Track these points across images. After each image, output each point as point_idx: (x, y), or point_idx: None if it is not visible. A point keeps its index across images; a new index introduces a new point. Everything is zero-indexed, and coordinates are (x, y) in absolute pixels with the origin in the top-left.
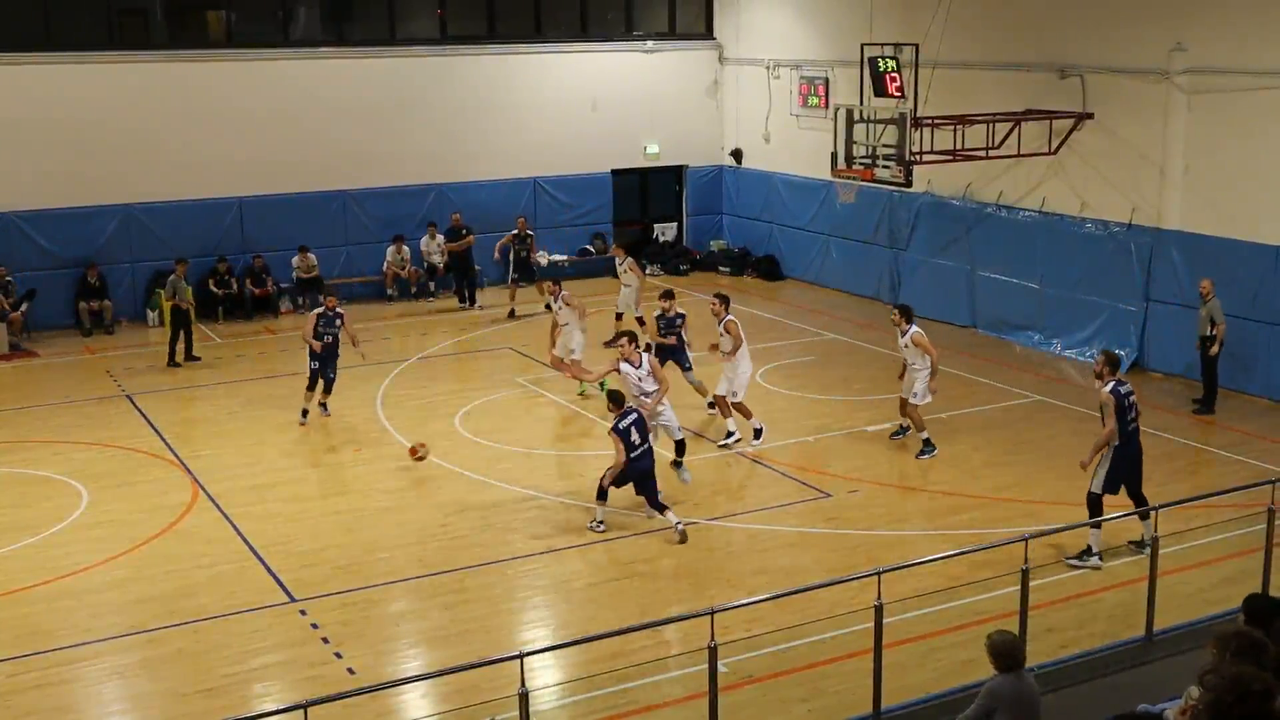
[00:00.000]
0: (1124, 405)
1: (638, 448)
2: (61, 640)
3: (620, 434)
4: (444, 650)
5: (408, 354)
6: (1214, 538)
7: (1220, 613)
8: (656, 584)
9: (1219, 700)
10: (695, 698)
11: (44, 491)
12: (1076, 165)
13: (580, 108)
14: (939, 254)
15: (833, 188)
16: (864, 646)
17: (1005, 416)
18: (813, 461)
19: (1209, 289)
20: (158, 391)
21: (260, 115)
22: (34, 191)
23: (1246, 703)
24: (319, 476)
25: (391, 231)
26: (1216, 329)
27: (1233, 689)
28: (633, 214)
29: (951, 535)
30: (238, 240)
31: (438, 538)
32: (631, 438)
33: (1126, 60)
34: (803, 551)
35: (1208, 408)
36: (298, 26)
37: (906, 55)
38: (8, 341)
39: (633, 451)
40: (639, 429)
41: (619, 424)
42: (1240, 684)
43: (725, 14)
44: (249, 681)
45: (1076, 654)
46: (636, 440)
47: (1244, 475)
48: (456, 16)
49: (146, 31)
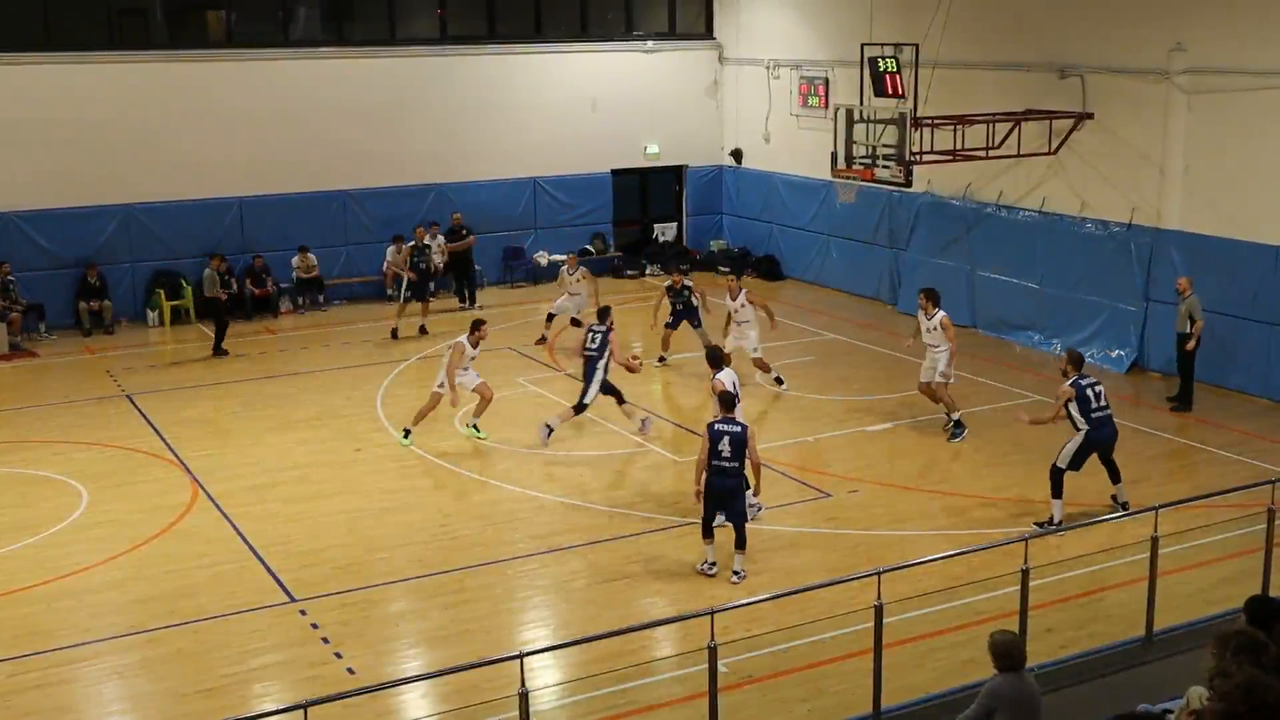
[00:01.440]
0: (1084, 396)
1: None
2: (61, 640)
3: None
4: (444, 650)
5: (408, 354)
6: (1214, 538)
7: (1220, 613)
8: (656, 584)
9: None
10: (695, 698)
11: (44, 491)
12: (1076, 165)
13: (580, 108)
14: (939, 254)
15: (833, 188)
16: (864, 646)
17: (1005, 416)
18: (813, 461)
19: (1186, 286)
20: (158, 391)
21: (260, 115)
22: (34, 191)
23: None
24: (319, 476)
25: (391, 231)
26: (1194, 326)
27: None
28: (633, 214)
29: (951, 535)
30: (238, 240)
31: (438, 538)
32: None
33: (1126, 60)
34: (803, 551)
35: (1185, 404)
36: (298, 26)
37: (906, 55)
38: (8, 341)
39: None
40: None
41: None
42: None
43: (725, 14)
44: (249, 681)
45: (1076, 654)
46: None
47: (1244, 475)
48: (456, 16)
49: (146, 31)
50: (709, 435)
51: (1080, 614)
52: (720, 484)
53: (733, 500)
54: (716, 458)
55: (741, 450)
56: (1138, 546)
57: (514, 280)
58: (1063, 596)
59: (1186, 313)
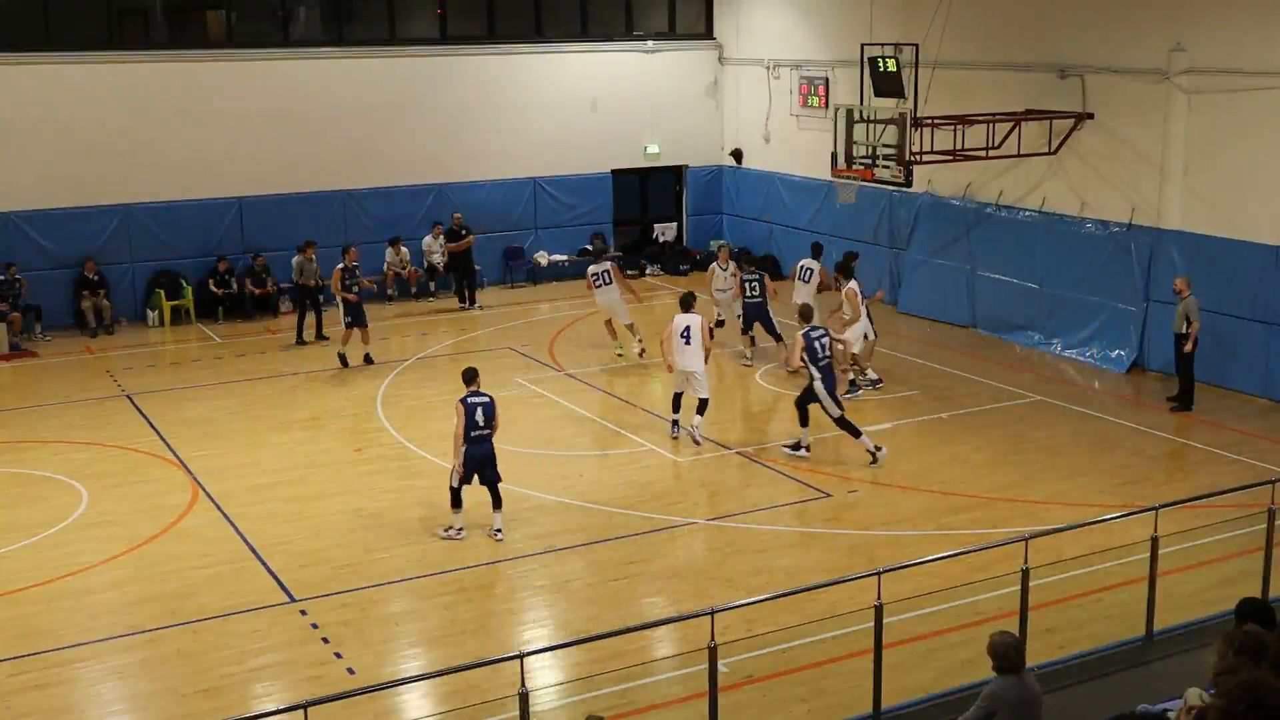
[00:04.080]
0: (813, 348)
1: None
2: (61, 640)
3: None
4: (444, 650)
5: (407, 354)
6: (1214, 538)
7: (1220, 613)
8: (656, 584)
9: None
10: (695, 698)
11: (44, 491)
12: (1076, 165)
13: (580, 108)
14: (939, 254)
15: (833, 188)
16: (864, 646)
17: (1005, 416)
18: (813, 461)
19: (1183, 287)
20: (158, 391)
21: (260, 115)
22: (34, 191)
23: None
24: (319, 476)
25: (392, 232)
26: (1191, 327)
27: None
28: (633, 214)
29: (951, 535)
30: (238, 240)
31: (438, 538)
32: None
33: (1126, 60)
34: (803, 551)
35: (1185, 404)
36: (298, 26)
37: (907, 55)
38: (8, 341)
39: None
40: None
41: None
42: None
43: (725, 14)
44: (249, 681)
45: (1076, 654)
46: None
47: (1244, 475)
48: (456, 16)
49: (146, 31)
50: (463, 408)
51: (1080, 614)
52: (477, 451)
53: (489, 466)
54: (474, 428)
55: (490, 417)
56: (1138, 546)
57: (514, 280)
58: (1063, 596)
59: (1184, 313)
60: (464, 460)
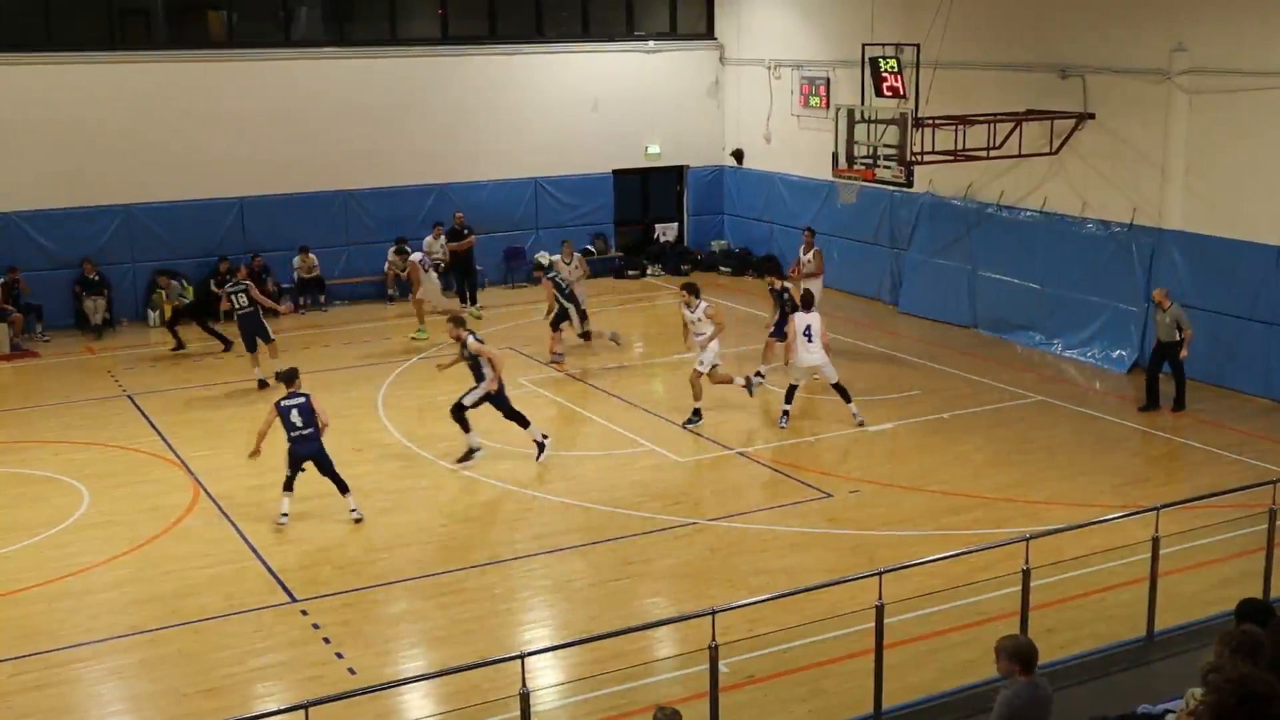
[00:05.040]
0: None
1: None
2: (61, 640)
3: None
4: (445, 650)
5: (407, 354)
6: (1214, 538)
7: (1220, 613)
8: (657, 584)
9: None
10: (696, 698)
11: (45, 491)
12: (1077, 165)
13: (581, 108)
14: (940, 254)
15: (834, 188)
16: (865, 646)
17: (1006, 417)
18: (813, 461)
19: (1162, 298)
20: (158, 391)
21: (260, 115)
22: (34, 191)
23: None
24: (319, 476)
25: (393, 231)
26: (1184, 334)
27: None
28: (634, 214)
29: (952, 535)
30: (238, 240)
31: (438, 538)
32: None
33: (1127, 60)
34: (803, 551)
35: (1179, 406)
36: (298, 26)
37: (908, 55)
38: (9, 341)
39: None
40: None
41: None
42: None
43: (726, 14)
44: (250, 682)
45: (1077, 654)
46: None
47: (1244, 475)
48: (457, 16)
49: (147, 31)
50: (277, 410)
51: (1081, 614)
52: (302, 450)
53: (319, 460)
54: (293, 429)
55: (311, 417)
56: (1138, 547)
57: (514, 281)
58: (1064, 597)
59: (1172, 323)
60: (288, 457)
